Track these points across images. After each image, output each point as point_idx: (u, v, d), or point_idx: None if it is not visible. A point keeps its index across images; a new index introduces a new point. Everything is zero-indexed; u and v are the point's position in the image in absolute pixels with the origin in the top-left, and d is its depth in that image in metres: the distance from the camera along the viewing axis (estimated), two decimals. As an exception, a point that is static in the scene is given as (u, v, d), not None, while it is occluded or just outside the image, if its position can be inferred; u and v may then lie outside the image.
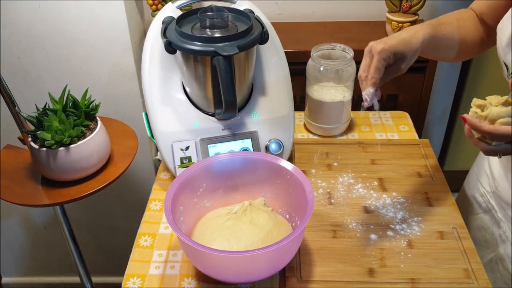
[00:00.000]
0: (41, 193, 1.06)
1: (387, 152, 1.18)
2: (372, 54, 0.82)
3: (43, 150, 1.01)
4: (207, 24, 0.98)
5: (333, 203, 1.04)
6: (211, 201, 0.96)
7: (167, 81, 1.05)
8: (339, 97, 1.19)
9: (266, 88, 1.09)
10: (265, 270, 0.83)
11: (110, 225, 1.69)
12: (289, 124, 1.10)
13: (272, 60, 1.09)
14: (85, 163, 1.04)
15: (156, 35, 1.02)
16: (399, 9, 1.32)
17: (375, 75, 0.81)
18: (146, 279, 0.89)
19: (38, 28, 1.21)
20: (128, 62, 1.29)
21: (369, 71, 0.82)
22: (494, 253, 1.00)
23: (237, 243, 0.85)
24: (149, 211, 1.05)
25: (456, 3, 1.44)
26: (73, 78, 1.30)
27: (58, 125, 1.00)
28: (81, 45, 1.25)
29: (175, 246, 0.96)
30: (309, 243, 0.95)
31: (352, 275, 0.88)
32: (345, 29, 1.42)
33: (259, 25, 0.99)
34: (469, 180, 1.13)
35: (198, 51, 0.93)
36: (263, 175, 0.95)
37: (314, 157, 1.16)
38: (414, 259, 0.91)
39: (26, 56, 1.26)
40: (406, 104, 1.42)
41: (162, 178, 1.13)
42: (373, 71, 0.81)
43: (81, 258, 1.31)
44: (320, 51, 1.20)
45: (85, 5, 1.18)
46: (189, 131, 1.05)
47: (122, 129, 1.23)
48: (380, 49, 0.81)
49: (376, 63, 0.81)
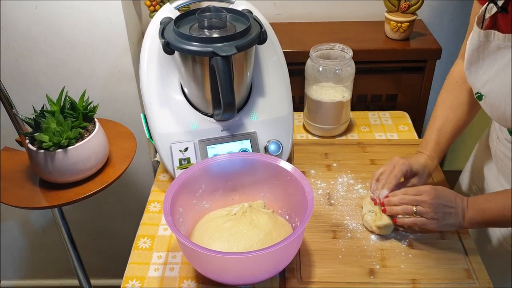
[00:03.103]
0: (39, 196, 1.06)
1: (387, 152, 1.18)
2: (394, 165, 0.97)
3: (41, 152, 1.00)
4: (205, 25, 0.98)
5: (333, 203, 1.04)
6: (210, 202, 0.96)
7: (165, 82, 1.04)
8: (338, 97, 1.19)
9: (265, 88, 1.09)
10: (265, 271, 0.82)
11: (108, 227, 1.68)
12: (288, 124, 1.10)
13: (271, 60, 1.09)
14: (83, 165, 1.04)
15: (154, 36, 1.02)
16: (398, 9, 1.32)
17: (393, 181, 0.95)
18: (145, 281, 0.89)
19: (36, 30, 1.21)
20: (126, 63, 1.28)
21: (388, 177, 0.96)
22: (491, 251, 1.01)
23: (237, 244, 0.84)
24: (148, 213, 1.04)
25: (455, 3, 1.44)
26: (71, 80, 1.29)
27: (56, 127, 1.00)
28: (78, 47, 1.24)
29: (174, 248, 0.95)
30: (309, 244, 0.94)
31: (353, 276, 0.88)
32: (344, 29, 1.42)
33: (258, 26, 0.99)
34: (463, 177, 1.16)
35: (196, 51, 0.92)
36: (262, 176, 0.95)
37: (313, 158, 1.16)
38: (415, 260, 0.90)
39: (24, 58, 1.26)
40: (405, 104, 1.42)
41: (161, 179, 1.13)
42: (392, 177, 0.95)
43: (79, 260, 1.31)
44: (319, 51, 1.19)
45: (82, 7, 1.17)
46: (187, 132, 1.04)
47: (120, 131, 1.22)
48: (402, 163, 0.96)
49: (396, 172, 0.95)
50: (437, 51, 1.32)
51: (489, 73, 0.81)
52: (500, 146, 0.96)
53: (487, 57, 0.81)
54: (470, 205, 0.88)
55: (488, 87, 0.82)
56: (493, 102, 0.81)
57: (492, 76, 0.80)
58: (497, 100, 0.80)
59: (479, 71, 0.83)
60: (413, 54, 1.33)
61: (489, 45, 0.80)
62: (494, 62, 0.80)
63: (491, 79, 0.80)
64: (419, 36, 1.37)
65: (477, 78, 0.85)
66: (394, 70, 1.38)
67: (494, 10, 0.80)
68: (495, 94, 0.80)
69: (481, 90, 0.83)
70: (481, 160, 1.07)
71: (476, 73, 0.84)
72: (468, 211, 0.87)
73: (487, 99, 0.83)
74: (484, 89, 0.83)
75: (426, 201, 0.89)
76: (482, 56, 0.82)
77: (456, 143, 1.88)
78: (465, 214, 0.88)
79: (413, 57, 1.34)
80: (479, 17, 0.82)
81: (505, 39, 0.76)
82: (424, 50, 1.32)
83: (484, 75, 0.82)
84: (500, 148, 0.96)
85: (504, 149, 0.95)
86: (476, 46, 0.82)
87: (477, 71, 0.84)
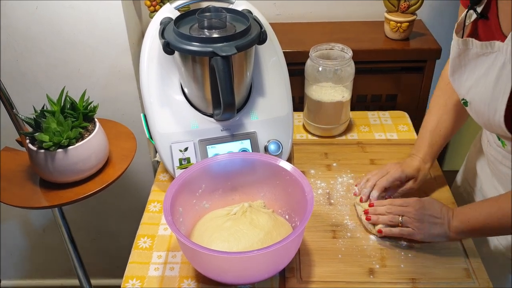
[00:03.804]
0: (39, 195, 1.06)
1: (387, 152, 1.18)
2: (388, 171, 1.00)
3: (41, 152, 1.00)
4: (205, 25, 0.98)
5: (333, 203, 1.04)
6: (210, 202, 0.96)
7: (165, 82, 1.05)
8: (338, 97, 1.19)
9: (264, 88, 1.09)
10: (265, 271, 0.83)
11: (109, 227, 1.68)
12: (288, 124, 1.10)
13: (271, 60, 1.09)
14: (83, 165, 1.04)
15: (154, 36, 1.02)
16: (397, 9, 1.32)
17: (383, 184, 0.98)
18: (146, 281, 0.89)
19: (36, 30, 1.21)
20: (126, 63, 1.28)
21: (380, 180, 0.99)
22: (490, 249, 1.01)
23: (237, 244, 0.84)
24: (148, 212, 1.04)
25: (455, 3, 1.44)
26: (71, 80, 1.29)
27: (56, 126, 1.00)
28: (79, 47, 1.25)
29: (174, 248, 0.95)
30: (309, 243, 0.94)
31: (352, 276, 0.88)
32: (344, 29, 1.42)
33: (257, 26, 0.99)
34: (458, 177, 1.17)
35: (196, 51, 0.93)
36: (262, 176, 0.95)
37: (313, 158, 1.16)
38: (414, 259, 0.91)
39: (24, 58, 1.26)
40: (405, 104, 1.42)
41: (161, 179, 1.13)
42: (384, 180, 0.98)
43: (80, 260, 1.31)
44: (318, 51, 1.20)
45: (82, 7, 1.18)
46: (187, 132, 1.05)
47: (121, 131, 1.23)
48: (395, 170, 0.99)
49: (388, 177, 0.99)
50: (437, 51, 1.32)
51: (471, 79, 0.81)
52: (491, 150, 0.96)
53: (468, 64, 0.82)
54: (455, 215, 0.88)
55: (471, 94, 0.82)
56: (478, 108, 0.81)
57: (474, 83, 0.81)
58: (481, 107, 0.80)
59: (462, 77, 0.84)
60: (413, 54, 1.33)
61: (469, 52, 0.80)
62: (474, 69, 0.80)
63: (474, 86, 0.81)
64: (419, 36, 1.37)
65: (460, 85, 0.85)
66: (394, 70, 1.38)
67: (474, 17, 0.80)
68: (478, 101, 0.81)
69: (466, 97, 0.84)
70: (475, 161, 1.07)
71: (460, 80, 0.85)
72: (453, 221, 0.88)
73: (472, 105, 0.83)
74: (468, 96, 0.83)
75: (411, 212, 0.90)
76: (464, 63, 0.83)
77: (456, 143, 1.89)
78: (450, 224, 0.88)
79: (413, 57, 1.34)
80: (458, 25, 0.83)
81: (482, 46, 0.77)
82: (424, 50, 1.32)
83: (467, 81, 0.83)
84: (491, 151, 0.96)
85: (494, 152, 0.95)
86: (457, 54, 0.83)
87: (460, 78, 0.85)
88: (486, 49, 0.76)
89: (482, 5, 0.79)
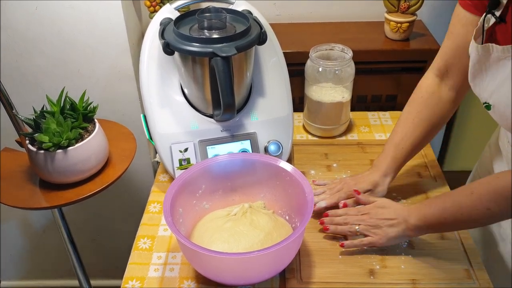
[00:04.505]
0: (39, 196, 1.06)
1: (387, 153, 1.18)
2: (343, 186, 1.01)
3: (41, 152, 1.00)
4: (205, 25, 0.98)
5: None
6: (210, 202, 0.96)
7: (165, 82, 1.04)
8: (338, 98, 1.19)
9: (264, 89, 1.09)
10: (265, 272, 0.82)
11: (108, 228, 1.68)
12: (288, 125, 1.10)
13: (271, 61, 1.09)
14: (83, 166, 1.04)
15: (154, 36, 1.02)
16: (398, 10, 1.32)
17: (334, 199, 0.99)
18: (145, 282, 0.89)
19: (36, 30, 1.21)
20: (126, 64, 1.28)
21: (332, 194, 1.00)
22: (493, 252, 1.00)
23: (237, 244, 0.84)
24: (148, 213, 1.04)
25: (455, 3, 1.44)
26: (71, 80, 1.29)
27: (56, 127, 1.00)
28: (78, 47, 1.24)
29: (174, 248, 0.95)
30: (309, 244, 0.94)
31: (353, 276, 0.88)
32: (344, 29, 1.42)
33: (257, 26, 0.99)
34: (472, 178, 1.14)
35: (196, 52, 0.93)
36: (262, 177, 0.95)
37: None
38: (414, 260, 0.90)
39: (24, 58, 1.26)
40: (405, 104, 1.41)
41: (161, 180, 1.13)
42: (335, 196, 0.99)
43: (80, 261, 1.31)
44: (318, 52, 1.20)
45: (82, 7, 1.17)
46: (187, 132, 1.05)
47: (120, 131, 1.22)
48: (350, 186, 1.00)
49: (341, 194, 0.99)
50: (437, 51, 1.31)
51: (494, 83, 0.81)
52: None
53: (489, 69, 0.81)
54: (412, 213, 0.88)
55: (495, 98, 0.81)
56: (502, 111, 0.81)
57: (497, 87, 0.80)
58: (505, 110, 0.79)
59: (484, 82, 0.83)
60: (413, 54, 1.33)
61: (489, 57, 0.79)
62: (496, 73, 0.79)
63: (497, 90, 0.80)
64: (419, 37, 1.37)
65: (482, 89, 0.84)
66: (394, 70, 1.38)
67: (492, 21, 0.79)
68: (502, 104, 0.80)
69: (489, 101, 0.83)
70: (491, 163, 1.06)
71: (481, 84, 0.84)
72: (410, 219, 0.87)
73: (495, 109, 0.82)
74: (492, 100, 0.82)
75: (366, 219, 0.91)
76: (485, 68, 0.82)
77: (456, 143, 1.89)
78: (408, 223, 0.88)
79: (413, 57, 1.34)
80: (477, 31, 0.82)
81: (504, 50, 0.76)
82: (424, 50, 1.32)
83: (489, 86, 0.82)
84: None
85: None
86: (477, 60, 0.82)
87: (482, 83, 0.84)
88: (508, 53, 0.76)
89: (501, 9, 0.78)
